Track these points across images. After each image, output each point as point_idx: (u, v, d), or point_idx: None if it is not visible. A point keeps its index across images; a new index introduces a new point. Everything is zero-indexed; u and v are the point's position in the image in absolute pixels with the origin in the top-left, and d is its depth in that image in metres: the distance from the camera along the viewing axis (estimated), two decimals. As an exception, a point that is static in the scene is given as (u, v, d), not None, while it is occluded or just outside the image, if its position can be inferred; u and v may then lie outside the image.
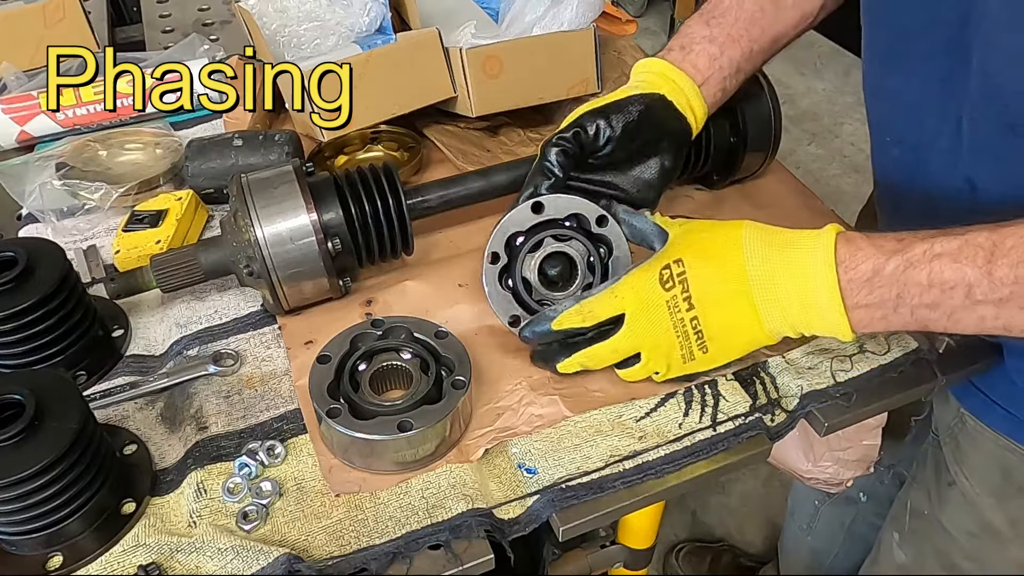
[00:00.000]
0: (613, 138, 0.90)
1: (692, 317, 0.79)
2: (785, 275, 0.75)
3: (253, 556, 0.73)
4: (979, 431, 0.97)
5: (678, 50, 0.96)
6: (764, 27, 0.97)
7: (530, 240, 0.89)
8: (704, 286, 0.78)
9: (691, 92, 0.94)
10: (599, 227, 0.90)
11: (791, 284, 0.75)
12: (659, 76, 0.94)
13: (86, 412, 0.74)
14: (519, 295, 0.91)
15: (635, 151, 0.93)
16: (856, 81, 0.95)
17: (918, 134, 0.90)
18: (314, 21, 1.22)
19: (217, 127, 1.31)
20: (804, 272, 0.74)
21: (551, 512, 0.79)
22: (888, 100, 0.95)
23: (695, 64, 0.94)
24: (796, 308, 0.75)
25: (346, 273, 0.97)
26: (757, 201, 1.14)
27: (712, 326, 0.79)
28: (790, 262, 0.75)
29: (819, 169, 3.43)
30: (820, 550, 1.65)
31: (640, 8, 4.47)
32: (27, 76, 1.34)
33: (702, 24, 0.97)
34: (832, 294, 0.72)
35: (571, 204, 0.89)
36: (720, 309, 0.78)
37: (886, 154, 1.00)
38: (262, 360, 0.94)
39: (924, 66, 0.85)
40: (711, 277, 0.78)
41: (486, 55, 1.15)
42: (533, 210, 0.88)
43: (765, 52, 0.99)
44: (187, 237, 1.09)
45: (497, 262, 0.89)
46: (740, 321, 0.79)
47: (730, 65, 0.96)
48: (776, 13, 0.98)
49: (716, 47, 0.95)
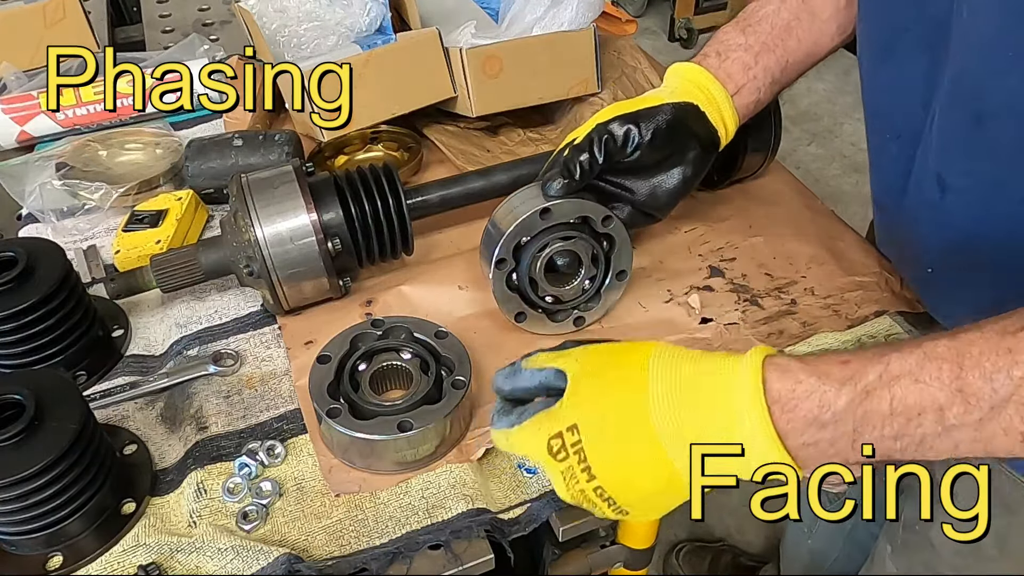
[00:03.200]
0: (642, 145, 0.88)
1: (595, 487, 0.64)
2: (707, 427, 0.60)
3: (253, 556, 0.73)
4: None
5: (714, 56, 0.94)
6: (800, 37, 0.95)
7: (536, 243, 0.89)
8: (602, 453, 0.63)
9: (724, 103, 0.92)
10: (604, 226, 0.90)
11: (717, 436, 0.60)
12: (694, 84, 0.92)
13: (86, 412, 0.74)
14: (525, 295, 0.92)
15: (661, 159, 0.91)
16: (856, 81, 0.94)
17: (910, 130, 0.90)
18: (314, 21, 1.22)
19: (217, 127, 1.31)
20: (729, 420, 0.59)
21: (551, 512, 0.79)
22: (880, 96, 0.94)
23: (729, 72, 0.93)
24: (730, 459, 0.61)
25: (346, 273, 0.97)
26: (757, 201, 1.14)
27: (620, 491, 0.64)
28: (713, 408, 0.60)
29: (819, 169, 3.43)
30: (820, 553, 1.65)
31: (640, 8, 4.47)
32: (27, 76, 1.34)
33: (738, 32, 0.95)
34: (770, 442, 0.58)
35: (579, 208, 0.89)
36: (626, 473, 0.63)
37: (885, 152, 0.99)
38: (262, 360, 0.94)
39: (912, 60, 0.85)
40: (609, 440, 0.63)
41: (486, 55, 1.15)
42: (541, 216, 0.88)
43: (800, 64, 0.97)
44: (187, 237, 1.09)
45: (504, 267, 0.90)
46: (654, 483, 0.63)
47: (765, 75, 0.94)
48: (812, 23, 0.96)
49: (751, 56, 0.93)
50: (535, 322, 0.94)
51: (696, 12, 4.20)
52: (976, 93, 0.74)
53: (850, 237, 1.08)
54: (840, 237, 1.08)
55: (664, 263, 1.05)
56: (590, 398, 0.64)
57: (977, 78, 0.74)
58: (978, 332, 0.56)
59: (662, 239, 1.08)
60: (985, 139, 0.75)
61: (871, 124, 0.98)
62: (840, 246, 1.06)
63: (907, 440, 0.58)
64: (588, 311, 0.95)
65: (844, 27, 0.97)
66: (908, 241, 0.92)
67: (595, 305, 0.95)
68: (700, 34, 4.21)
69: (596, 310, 0.96)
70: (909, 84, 0.86)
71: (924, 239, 0.88)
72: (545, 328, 0.95)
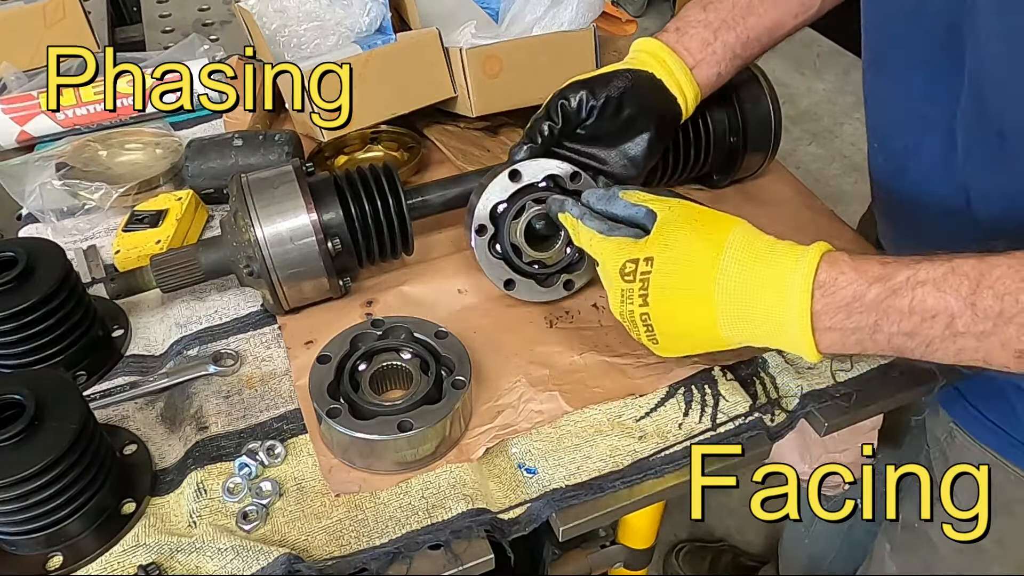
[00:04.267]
0: (595, 108, 0.92)
1: (643, 313, 0.77)
2: (757, 293, 0.71)
3: (253, 556, 0.73)
4: (967, 446, 0.97)
5: (673, 32, 0.97)
6: (761, 14, 0.97)
7: (513, 207, 0.92)
8: (663, 290, 0.75)
9: (682, 74, 0.94)
10: (573, 183, 0.93)
11: (761, 304, 0.71)
12: (650, 55, 0.95)
13: (86, 412, 0.74)
14: (510, 260, 0.94)
15: (621, 126, 0.94)
16: (856, 81, 0.95)
17: (901, 141, 0.91)
18: (314, 21, 1.22)
19: (217, 127, 1.31)
20: (778, 293, 0.70)
21: (551, 512, 0.79)
22: (874, 106, 0.96)
23: (687, 47, 0.95)
24: (764, 326, 0.72)
25: (346, 273, 0.97)
26: (757, 201, 1.14)
27: (663, 324, 0.77)
28: (765, 281, 0.71)
29: (819, 169, 3.43)
30: (818, 554, 1.65)
31: (640, 8, 4.48)
32: (27, 76, 1.34)
33: (699, 9, 0.98)
34: (802, 320, 0.69)
35: (545, 166, 0.93)
36: (675, 314, 0.76)
37: (874, 160, 1.00)
38: (262, 360, 0.94)
39: (907, 74, 0.86)
40: (674, 283, 0.75)
41: (486, 55, 1.15)
42: (511, 178, 0.91)
43: (762, 40, 0.99)
44: (187, 237, 1.09)
45: (484, 233, 0.93)
46: (693, 329, 0.76)
47: (724, 50, 0.96)
48: (774, 1, 0.98)
49: (710, 32, 0.96)
50: (524, 289, 0.96)
51: (696, 12, 4.19)
52: (998, 112, 0.77)
53: (849, 236, 1.08)
54: (839, 237, 1.07)
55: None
56: (672, 244, 0.75)
57: (997, 96, 0.76)
58: (1005, 258, 0.63)
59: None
60: (1010, 155, 0.77)
61: (868, 131, 0.99)
62: (839, 246, 1.06)
63: (918, 340, 0.66)
64: (575, 274, 0.97)
65: (808, 5, 0.99)
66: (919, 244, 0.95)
67: (580, 268, 0.97)
68: (700, 34, 4.20)
69: (582, 273, 0.97)
70: (902, 99, 0.88)
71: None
72: (535, 295, 0.97)
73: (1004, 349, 0.63)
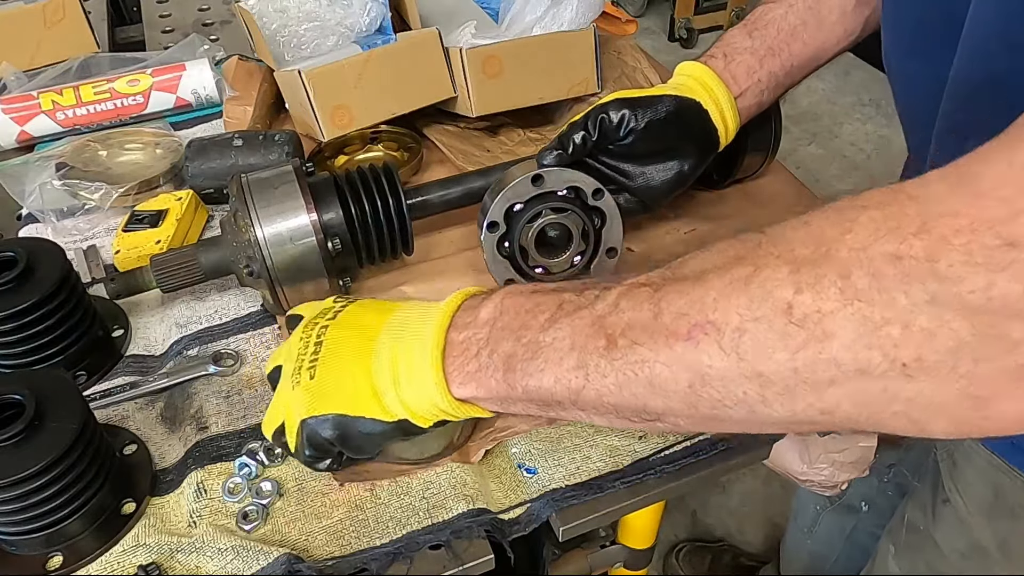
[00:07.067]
0: (636, 130, 0.90)
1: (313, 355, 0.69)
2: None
3: (253, 556, 0.73)
4: (974, 449, 0.97)
5: (720, 58, 0.95)
6: (806, 41, 0.96)
7: (529, 211, 0.91)
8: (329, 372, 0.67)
9: (726, 104, 0.93)
10: (595, 199, 0.92)
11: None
12: (698, 83, 0.93)
13: (86, 412, 0.74)
14: (515, 261, 0.94)
15: (657, 151, 0.92)
16: (856, 81, 0.95)
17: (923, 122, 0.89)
18: (314, 21, 1.22)
19: (217, 127, 1.31)
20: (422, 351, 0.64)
21: (551, 512, 0.79)
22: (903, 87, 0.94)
23: (734, 75, 0.93)
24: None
25: (346, 273, 0.97)
26: (757, 201, 1.14)
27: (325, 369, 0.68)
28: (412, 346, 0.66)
29: (819, 169, 3.43)
30: (820, 555, 1.65)
31: (640, 8, 4.48)
32: (27, 76, 1.34)
33: (744, 35, 0.96)
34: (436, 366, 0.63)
35: (569, 177, 0.91)
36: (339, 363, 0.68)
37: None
38: (262, 360, 0.94)
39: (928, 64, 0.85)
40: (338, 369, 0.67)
41: (486, 55, 1.15)
42: (533, 182, 0.90)
43: (805, 68, 0.97)
44: (187, 237, 1.09)
45: (496, 230, 0.92)
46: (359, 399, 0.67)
47: (768, 79, 0.95)
48: (819, 28, 0.96)
49: (756, 60, 0.94)
50: None
51: (696, 12, 4.20)
52: (959, 108, 0.74)
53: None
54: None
55: (663, 263, 1.04)
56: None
57: (962, 91, 0.74)
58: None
59: (660, 239, 1.08)
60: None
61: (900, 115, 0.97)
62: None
63: (523, 349, 0.59)
64: None
65: (850, 31, 0.97)
66: None
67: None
68: (700, 34, 4.22)
69: None
70: (929, 79, 0.85)
71: None
72: None
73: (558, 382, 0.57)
